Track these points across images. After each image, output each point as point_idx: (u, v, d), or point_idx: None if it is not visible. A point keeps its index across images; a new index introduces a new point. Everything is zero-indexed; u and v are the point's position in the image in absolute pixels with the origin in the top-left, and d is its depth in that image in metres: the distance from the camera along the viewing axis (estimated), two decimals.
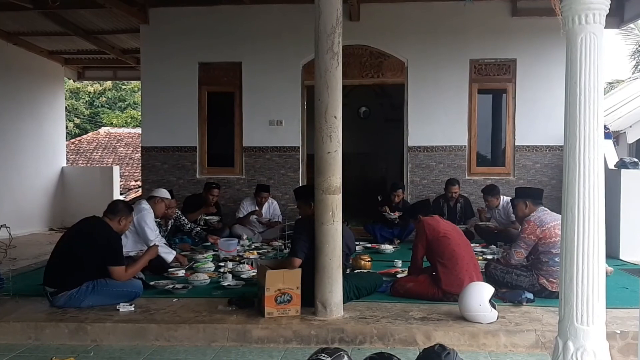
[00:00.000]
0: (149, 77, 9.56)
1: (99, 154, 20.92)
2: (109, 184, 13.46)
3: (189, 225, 7.74)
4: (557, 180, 8.91)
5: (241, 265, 6.24)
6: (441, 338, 4.25)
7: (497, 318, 4.43)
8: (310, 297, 4.63)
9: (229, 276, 5.85)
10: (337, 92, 4.57)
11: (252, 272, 6.08)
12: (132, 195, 17.32)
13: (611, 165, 7.91)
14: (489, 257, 6.74)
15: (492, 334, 4.27)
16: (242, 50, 9.33)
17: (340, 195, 4.60)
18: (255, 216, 8.58)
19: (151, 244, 5.96)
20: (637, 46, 18.79)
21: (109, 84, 27.65)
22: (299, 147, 9.34)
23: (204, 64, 9.48)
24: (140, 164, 9.90)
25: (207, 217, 8.25)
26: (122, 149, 21.23)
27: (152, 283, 5.54)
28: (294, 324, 4.43)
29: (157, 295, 5.31)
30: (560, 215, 5.31)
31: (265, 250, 7.58)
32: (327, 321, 4.47)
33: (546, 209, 5.38)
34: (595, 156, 2.75)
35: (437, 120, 9.05)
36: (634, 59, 18.90)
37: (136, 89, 29.23)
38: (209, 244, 7.91)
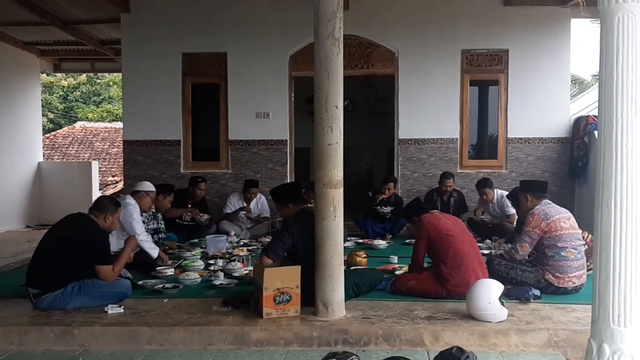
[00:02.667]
0: (130, 68, 9.22)
1: (75, 148, 20.48)
2: (87, 180, 13.08)
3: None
4: (550, 173, 8.82)
5: (232, 263, 5.98)
6: (450, 338, 4.06)
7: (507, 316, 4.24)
8: (309, 297, 4.41)
9: (221, 274, 5.60)
10: (339, 80, 4.33)
11: (244, 270, 5.84)
12: (111, 191, 16.91)
13: None
14: (485, 252, 6.58)
15: (502, 333, 4.08)
16: (227, 40, 9.04)
17: (342, 189, 4.38)
18: (244, 212, 8.31)
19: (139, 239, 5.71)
20: None
21: (83, 77, 27.36)
22: (286, 141, 9.09)
23: (187, 55, 9.17)
24: (122, 158, 9.56)
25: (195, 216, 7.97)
26: (98, 143, 20.81)
27: (140, 283, 5.27)
28: (295, 325, 4.20)
29: (147, 295, 5.04)
30: (564, 209, 5.25)
31: (254, 247, 7.31)
32: (329, 322, 4.25)
33: (550, 202, 5.21)
34: (633, 145, 2.55)
35: (428, 112, 8.86)
36: None
37: (111, 83, 28.95)
38: (196, 240, 7.64)
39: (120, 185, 17.61)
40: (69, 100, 27.47)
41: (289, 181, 9.09)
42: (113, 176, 18.86)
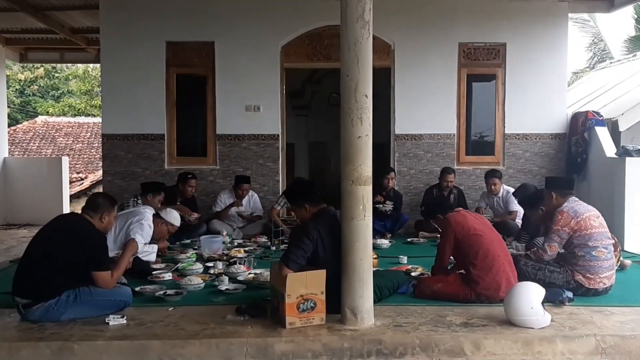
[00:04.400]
0: (110, 58, 8.65)
1: (37, 144, 19.78)
2: (57, 176, 12.33)
3: None
4: (547, 169, 8.64)
5: (235, 266, 5.56)
6: (492, 347, 3.76)
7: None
8: (332, 303, 4.04)
9: (226, 279, 5.17)
10: (369, 66, 3.99)
11: (249, 274, 5.43)
12: (76, 189, 16.27)
13: (609, 154, 7.62)
14: None
15: (547, 340, 3.80)
16: (215, 28, 8.57)
17: (371, 186, 4.02)
18: (235, 208, 7.87)
19: None
20: (594, 38, 18.90)
21: (41, 71, 26.70)
22: (278, 135, 8.67)
23: (172, 44, 8.66)
24: (101, 154, 9.01)
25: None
26: (61, 139, 20.17)
27: (137, 289, 4.81)
28: (323, 336, 3.82)
29: (147, 303, 4.60)
30: (592, 207, 4.99)
31: (251, 248, 6.90)
32: (360, 331, 3.89)
33: (577, 199, 4.95)
34: None
35: (425, 107, 8.57)
36: (591, 50, 19.01)
37: (70, 77, 28.08)
38: (188, 241, 7.19)
39: (86, 183, 16.99)
40: (26, 95, 26.75)
41: (280, 177, 8.72)
42: (78, 173, 18.19)
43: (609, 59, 18.01)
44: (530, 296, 3.91)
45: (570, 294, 4.47)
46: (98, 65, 27.98)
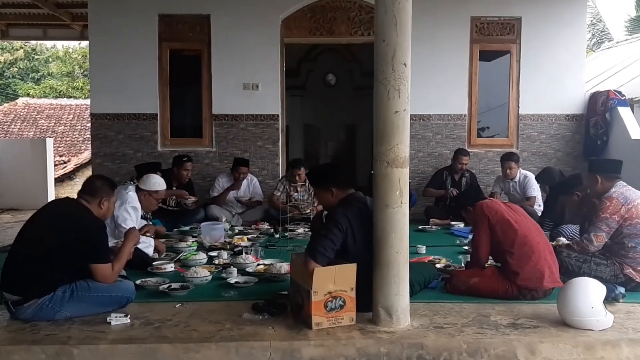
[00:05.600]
0: (99, 32, 8.06)
1: (18, 126, 19.30)
2: (41, 159, 11.78)
3: None
4: (564, 152, 8.22)
5: (243, 256, 5.07)
6: (548, 351, 3.31)
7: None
8: (361, 301, 3.56)
9: (234, 271, 4.68)
10: (408, 30, 3.49)
11: (258, 264, 4.95)
12: (60, 172, 15.72)
13: (635, 135, 7.21)
14: None
15: (611, 344, 3.35)
16: (211, 0, 7.99)
17: (408, 169, 3.54)
18: (234, 191, 7.36)
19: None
20: (592, 18, 18.50)
21: (20, 53, 26.17)
22: (278, 116, 8.14)
23: (165, 17, 8.08)
24: (90, 134, 8.43)
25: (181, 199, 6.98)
26: (43, 121, 19.69)
27: (138, 282, 4.29)
28: (356, 339, 3.35)
29: (151, 299, 4.10)
30: None
31: (254, 236, 6.40)
32: (397, 333, 3.42)
33: (625, 184, 4.50)
34: None
35: (435, 86, 8.08)
36: (589, 31, 18.61)
37: (51, 59, 27.40)
38: (187, 228, 6.68)
39: (70, 167, 16.39)
40: (5, 77, 26.35)
41: (280, 160, 8.21)
42: (61, 156, 17.62)
43: (607, 40, 17.65)
44: (590, 294, 3.46)
45: (622, 290, 4.03)
46: (79, 46, 27.61)
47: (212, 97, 8.12)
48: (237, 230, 6.74)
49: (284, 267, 4.62)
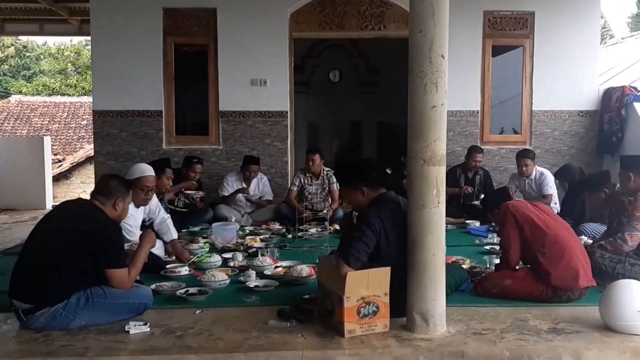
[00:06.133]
0: (101, 27, 7.84)
1: (11, 124, 19.08)
2: (38, 158, 11.49)
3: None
4: (577, 149, 8.07)
5: (260, 258, 4.87)
6: (595, 358, 3.14)
7: None
8: (394, 306, 3.38)
9: (253, 274, 4.48)
10: (445, 20, 3.31)
11: (276, 267, 4.75)
12: (56, 171, 15.49)
13: None
14: None
15: None
16: None
17: (445, 166, 3.35)
18: (243, 194, 7.16)
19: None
20: None
21: (11, 50, 25.90)
22: (286, 112, 7.95)
23: (169, 10, 7.87)
24: (92, 132, 8.19)
25: (188, 192, 6.75)
26: (37, 119, 19.50)
27: (153, 287, 4.08)
28: (393, 347, 3.16)
29: (168, 305, 3.90)
30: None
31: (266, 236, 6.20)
32: (435, 340, 3.24)
33: None
34: None
35: (447, 81, 7.85)
36: None
37: (42, 56, 27.14)
38: (197, 229, 6.48)
39: (65, 165, 16.15)
40: None
41: (289, 158, 8.02)
42: (55, 154, 17.37)
43: (609, 37, 17.52)
44: (635, 297, 3.28)
45: None
46: (71, 43, 27.33)
47: (219, 93, 7.92)
48: (247, 231, 6.54)
49: (305, 269, 4.44)
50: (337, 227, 6.50)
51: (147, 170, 5.03)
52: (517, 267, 4.15)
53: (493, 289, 3.99)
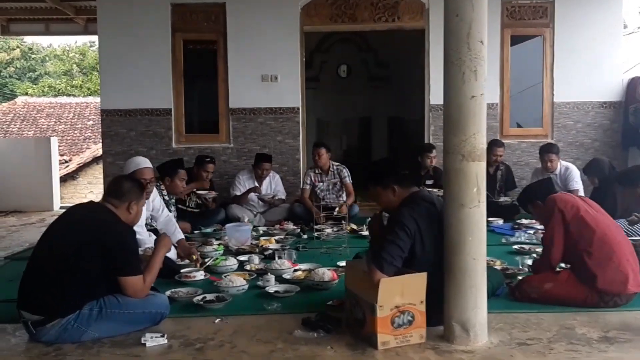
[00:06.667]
0: (108, 23, 7.63)
1: (17, 125, 19.01)
2: (45, 158, 11.27)
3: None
4: (601, 142, 7.78)
5: (278, 261, 4.62)
6: None
7: None
8: (429, 314, 3.12)
9: (272, 278, 4.23)
10: (484, 3, 3.06)
11: (295, 270, 4.50)
12: (62, 172, 15.32)
13: None
14: None
15: None
16: None
17: (485, 162, 3.09)
18: (255, 194, 6.91)
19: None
20: None
21: (17, 52, 25.98)
22: (298, 109, 7.70)
23: (178, 6, 7.62)
24: (100, 131, 7.97)
25: (200, 192, 6.51)
26: (43, 120, 19.42)
27: (168, 293, 3.84)
28: None
29: (185, 313, 3.65)
30: None
31: (281, 237, 5.95)
32: (478, 352, 2.98)
33: None
34: None
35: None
36: None
37: (48, 58, 27.12)
38: (210, 230, 6.24)
39: (72, 166, 15.97)
40: (2, 77, 26.41)
41: (301, 156, 7.77)
42: (62, 155, 17.20)
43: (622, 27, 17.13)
44: None
45: None
46: (76, 45, 27.26)
47: (229, 90, 7.68)
48: (261, 232, 6.29)
49: (327, 273, 4.18)
50: (354, 226, 6.27)
51: (143, 162, 4.89)
52: (558, 269, 3.88)
53: (532, 293, 3.72)
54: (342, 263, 4.72)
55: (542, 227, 5.94)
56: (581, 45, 7.67)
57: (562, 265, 3.99)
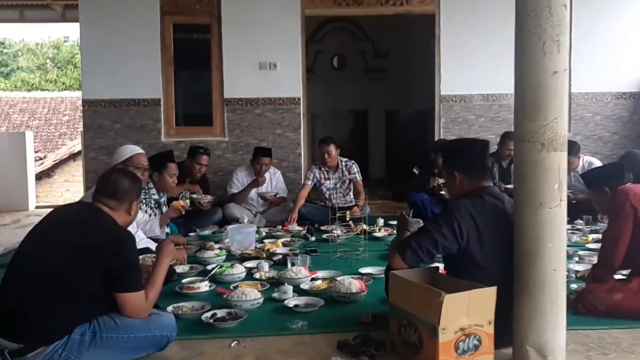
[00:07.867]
0: (91, 6, 7.03)
1: None
2: (20, 155, 10.59)
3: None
4: (621, 135, 7.37)
5: (293, 269, 4.04)
6: None
7: None
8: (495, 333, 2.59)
9: (289, 289, 3.66)
10: None
11: (314, 279, 3.94)
12: (38, 169, 14.59)
13: None
14: (593, 236, 5.19)
15: None
16: None
17: (567, 153, 2.56)
18: (256, 189, 6.33)
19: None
20: None
21: None
22: (299, 99, 7.17)
23: None
24: (82, 124, 7.34)
25: (194, 197, 5.89)
26: (16, 115, 18.80)
27: (169, 309, 3.25)
28: None
29: (193, 334, 3.06)
30: None
31: (288, 240, 5.38)
32: None
33: None
34: None
35: (477, 62, 7.14)
36: None
37: (20, 53, 26.51)
38: (208, 232, 5.64)
39: (47, 163, 15.26)
40: None
41: (302, 150, 7.22)
42: (36, 152, 16.44)
43: None
44: None
45: None
46: (51, 40, 26.51)
47: (224, 79, 7.16)
48: (264, 233, 5.72)
49: (354, 283, 3.62)
50: (365, 227, 5.72)
51: (137, 148, 4.60)
52: (624, 277, 3.37)
53: (600, 305, 3.19)
54: (366, 270, 4.19)
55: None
56: (600, 33, 7.24)
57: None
